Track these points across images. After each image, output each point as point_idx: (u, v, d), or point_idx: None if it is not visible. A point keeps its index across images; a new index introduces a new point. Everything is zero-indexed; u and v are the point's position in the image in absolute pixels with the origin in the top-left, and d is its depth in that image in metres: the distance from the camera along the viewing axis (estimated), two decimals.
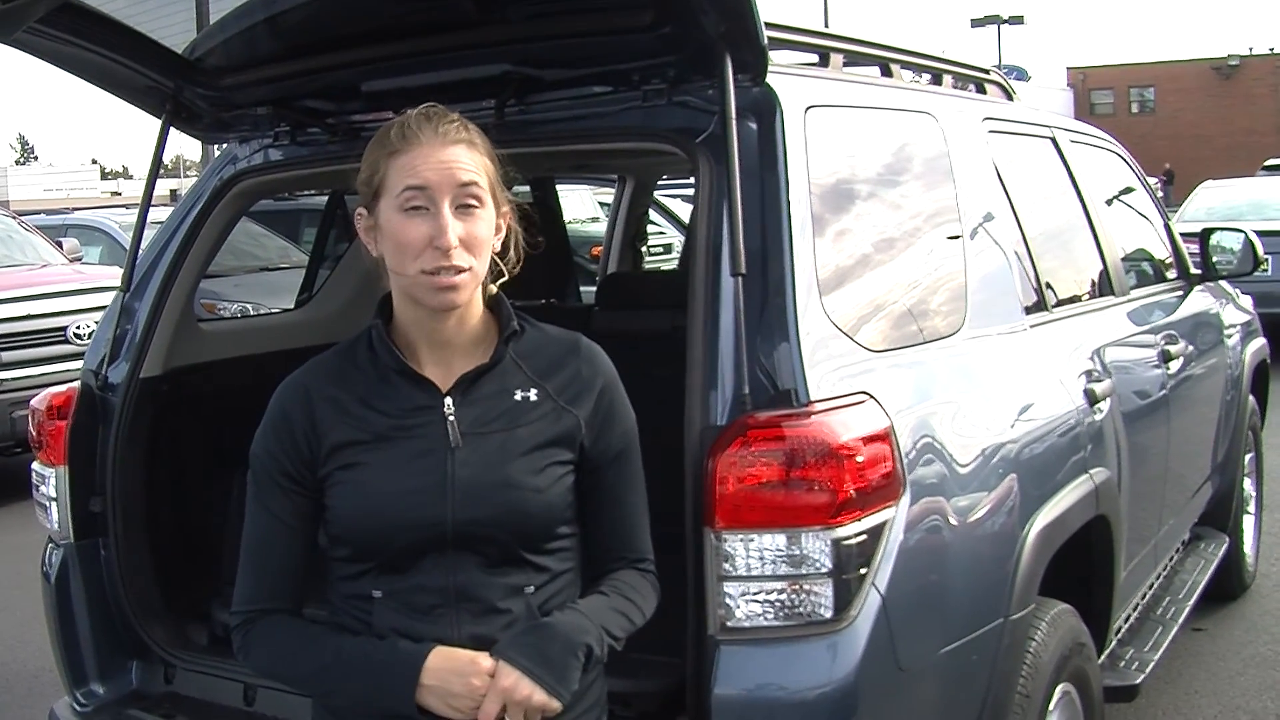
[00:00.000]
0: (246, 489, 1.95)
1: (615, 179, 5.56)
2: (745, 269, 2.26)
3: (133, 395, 3.01)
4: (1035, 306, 3.18)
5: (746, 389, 2.21)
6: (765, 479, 2.14)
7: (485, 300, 1.92)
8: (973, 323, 2.80)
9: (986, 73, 3.87)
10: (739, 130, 2.33)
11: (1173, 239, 4.84)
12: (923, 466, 2.38)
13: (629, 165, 5.07)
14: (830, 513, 2.13)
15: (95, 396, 3.03)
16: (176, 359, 3.15)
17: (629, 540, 1.99)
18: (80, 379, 3.08)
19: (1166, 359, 3.89)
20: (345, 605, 1.89)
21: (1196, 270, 4.81)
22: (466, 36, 2.60)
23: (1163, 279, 4.58)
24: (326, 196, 5.26)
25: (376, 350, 1.90)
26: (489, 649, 1.80)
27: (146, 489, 3.04)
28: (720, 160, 2.35)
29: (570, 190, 12.15)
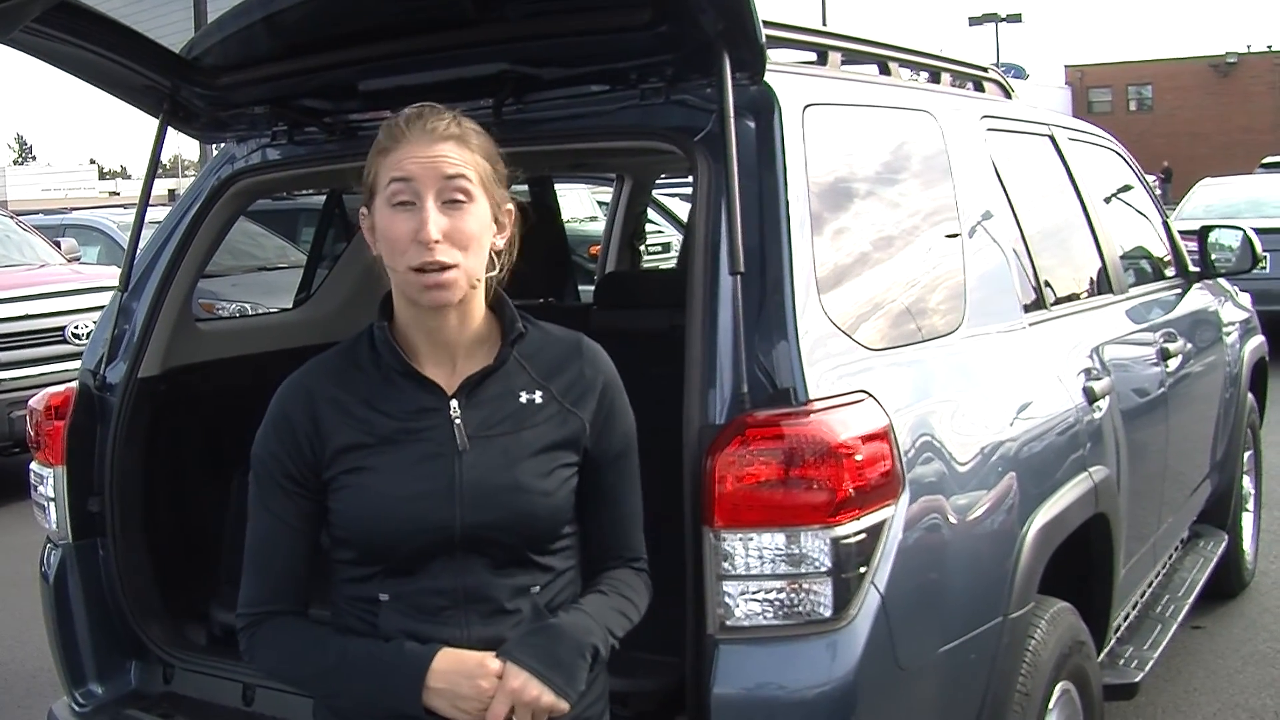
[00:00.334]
0: (247, 490, 1.94)
1: (613, 178, 5.56)
2: (744, 267, 2.25)
3: (131, 395, 3.01)
4: (1034, 304, 3.18)
5: (745, 388, 2.20)
6: (764, 478, 2.14)
7: (488, 300, 1.91)
8: (971, 321, 2.79)
9: (985, 71, 3.87)
10: (737, 129, 2.32)
11: (1171, 237, 4.84)
12: (922, 465, 2.37)
13: (627, 164, 5.06)
14: (829, 511, 2.13)
15: (93, 396, 3.02)
16: (174, 359, 3.15)
17: (625, 540, 1.99)
18: (78, 379, 3.08)
19: (1165, 357, 3.89)
20: (350, 607, 1.89)
21: (1195, 268, 4.81)
22: (464, 35, 2.59)
23: (1161, 277, 4.58)
24: (324, 196, 5.25)
25: (379, 351, 1.89)
26: (495, 649, 1.80)
27: (145, 489, 3.03)
28: (718, 159, 2.34)
29: (568, 189, 12.16)
